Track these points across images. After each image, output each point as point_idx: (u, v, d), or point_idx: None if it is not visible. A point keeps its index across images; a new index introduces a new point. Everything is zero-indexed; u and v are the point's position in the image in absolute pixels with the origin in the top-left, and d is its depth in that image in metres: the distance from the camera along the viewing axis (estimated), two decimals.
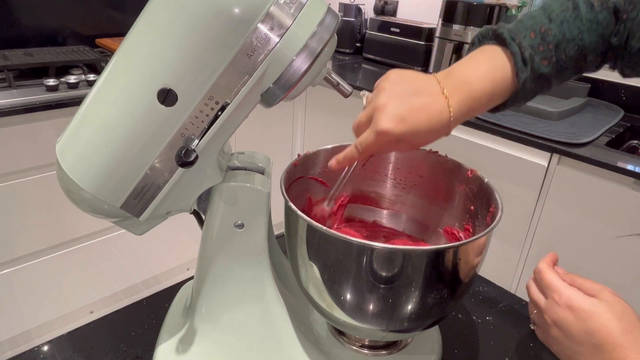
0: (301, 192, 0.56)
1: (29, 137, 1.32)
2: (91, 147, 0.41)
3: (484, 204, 0.50)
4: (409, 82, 0.44)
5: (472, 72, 0.46)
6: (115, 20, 1.88)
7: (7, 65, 1.40)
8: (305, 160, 0.55)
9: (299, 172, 0.55)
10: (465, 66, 0.47)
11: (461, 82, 0.45)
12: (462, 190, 0.55)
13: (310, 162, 0.56)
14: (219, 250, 0.50)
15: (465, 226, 0.55)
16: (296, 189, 0.54)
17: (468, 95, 0.45)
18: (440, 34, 1.73)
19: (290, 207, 0.45)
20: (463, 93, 0.44)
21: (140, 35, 0.40)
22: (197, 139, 0.41)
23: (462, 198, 0.55)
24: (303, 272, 0.48)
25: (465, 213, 0.55)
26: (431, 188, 0.58)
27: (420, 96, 0.44)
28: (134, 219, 0.45)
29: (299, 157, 0.54)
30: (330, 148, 0.56)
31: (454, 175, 0.55)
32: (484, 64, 0.46)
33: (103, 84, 0.42)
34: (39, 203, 1.40)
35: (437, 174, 0.57)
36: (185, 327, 0.53)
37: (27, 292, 1.47)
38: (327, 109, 1.89)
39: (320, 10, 0.40)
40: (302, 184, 0.56)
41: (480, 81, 0.45)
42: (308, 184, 0.57)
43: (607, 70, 0.50)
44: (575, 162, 1.23)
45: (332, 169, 0.48)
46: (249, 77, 0.39)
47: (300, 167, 0.55)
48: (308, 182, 0.57)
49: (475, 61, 0.47)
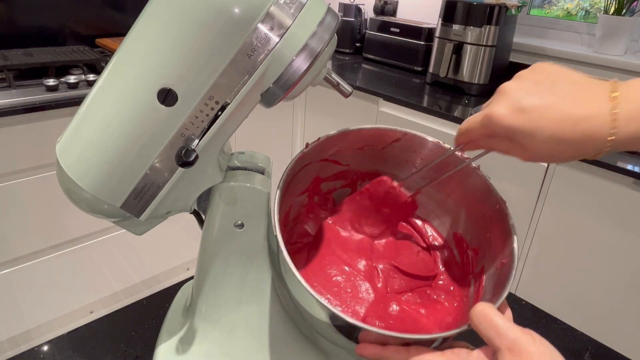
0: (307, 176, 0.54)
1: (29, 137, 1.32)
2: (91, 147, 0.41)
3: (499, 243, 0.47)
4: (558, 73, 0.35)
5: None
6: (115, 20, 1.88)
7: (7, 65, 1.40)
8: (314, 149, 0.51)
9: (307, 160, 0.52)
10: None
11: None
12: (485, 214, 0.51)
13: (320, 147, 0.52)
14: (219, 250, 0.50)
15: (475, 249, 0.52)
16: (302, 172, 0.52)
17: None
18: (440, 34, 1.73)
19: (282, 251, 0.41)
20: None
21: (140, 35, 0.40)
22: (197, 139, 0.41)
23: (481, 220, 0.52)
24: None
25: (480, 235, 0.52)
26: (454, 194, 0.56)
27: (564, 89, 0.34)
28: (134, 219, 0.45)
29: (306, 146, 0.50)
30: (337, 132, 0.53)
31: (483, 198, 0.51)
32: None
33: (103, 84, 0.42)
34: (39, 203, 1.40)
35: (464, 185, 0.53)
36: (185, 327, 0.53)
37: (27, 292, 1.47)
38: (327, 109, 1.89)
39: (320, 10, 0.40)
40: (311, 167, 0.54)
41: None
42: (317, 166, 0.55)
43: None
44: (575, 162, 1.23)
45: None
46: (249, 77, 0.39)
47: (309, 154, 0.51)
48: (317, 165, 0.55)
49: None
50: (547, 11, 1.92)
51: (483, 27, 1.62)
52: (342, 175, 0.58)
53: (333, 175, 0.58)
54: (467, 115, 1.45)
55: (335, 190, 0.59)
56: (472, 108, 1.52)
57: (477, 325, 0.34)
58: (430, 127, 1.52)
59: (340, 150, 0.55)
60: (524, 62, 1.80)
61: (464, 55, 1.68)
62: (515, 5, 1.63)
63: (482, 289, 0.48)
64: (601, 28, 1.59)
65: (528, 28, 1.89)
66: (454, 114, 1.48)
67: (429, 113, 1.53)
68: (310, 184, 0.56)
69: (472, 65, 1.68)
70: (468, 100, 1.65)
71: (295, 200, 0.55)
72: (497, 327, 0.33)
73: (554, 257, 1.34)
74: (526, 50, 1.78)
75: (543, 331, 0.66)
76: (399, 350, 0.37)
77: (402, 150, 0.56)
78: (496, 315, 0.34)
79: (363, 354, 0.39)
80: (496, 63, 1.69)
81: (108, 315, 0.61)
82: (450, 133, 1.47)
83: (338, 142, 0.53)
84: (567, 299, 1.33)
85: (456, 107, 1.57)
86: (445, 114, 1.48)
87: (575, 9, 1.86)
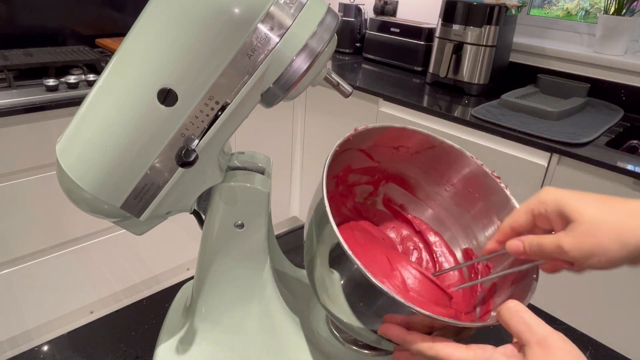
0: (341, 161, 0.54)
1: (29, 137, 1.32)
2: (91, 147, 0.41)
3: (516, 260, 0.47)
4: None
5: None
6: (115, 20, 1.88)
7: (7, 65, 1.40)
8: (359, 135, 0.51)
9: (349, 145, 0.51)
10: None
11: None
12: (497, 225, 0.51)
13: (363, 135, 0.52)
14: (219, 250, 0.50)
15: (489, 265, 0.52)
16: (342, 156, 0.52)
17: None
18: (440, 34, 1.73)
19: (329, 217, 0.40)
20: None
21: (140, 35, 0.40)
22: (197, 139, 0.41)
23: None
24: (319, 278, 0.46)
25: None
26: (473, 210, 0.56)
27: None
28: (134, 219, 0.45)
29: (355, 131, 0.50)
30: (389, 126, 0.52)
31: (499, 207, 0.51)
32: None
33: (103, 84, 0.42)
34: (39, 203, 1.40)
35: (484, 195, 0.53)
36: (185, 327, 0.53)
37: (27, 292, 1.47)
38: (327, 109, 1.89)
39: (320, 10, 0.40)
40: (345, 155, 0.53)
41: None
42: (353, 154, 0.55)
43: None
44: (575, 162, 1.23)
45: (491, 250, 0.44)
46: (249, 77, 0.39)
47: (354, 140, 0.51)
48: (354, 153, 0.55)
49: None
50: (547, 11, 1.92)
51: (483, 27, 1.62)
52: (369, 171, 0.59)
53: (362, 169, 0.58)
54: (467, 115, 1.46)
55: (359, 185, 0.59)
56: (472, 108, 1.52)
57: (508, 319, 0.35)
58: (430, 127, 1.52)
59: (376, 145, 0.55)
60: (524, 62, 1.80)
61: (464, 55, 1.68)
62: (515, 5, 1.63)
63: (492, 303, 0.48)
64: (601, 28, 1.59)
65: (528, 28, 1.89)
66: (454, 114, 1.48)
67: (429, 113, 1.53)
68: (342, 170, 0.56)
69: (472, 65, 1.68)
70: (468, 100, 1.65)
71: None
72: (528, 322, 0.34)
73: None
74: (526, 50, 1.78)
75: None
76: (424, 338, 0.37)
77: (435, 160, 0.56)
78: (527, 312, 0.35)
79: (387, 334, 0.39)
80: (496, 63, 1.69)
81: (108, 315, 0.61)
82: (450, 133, 1.47)
83: (380, 136, 0.53)
84: (567, 299, 1.33)
85: (456, 107, 1.57)
86: (445, 114, 1.48)
87: (575, 9, 1.86)
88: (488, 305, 0.49)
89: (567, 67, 1.70)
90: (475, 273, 0.54)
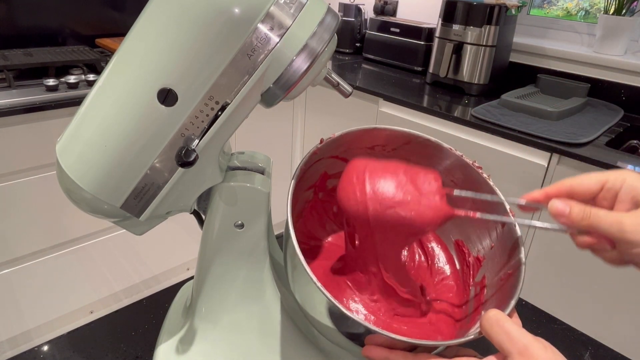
0: (315, 172, 0.54)
1: (29, 137, 1.32)
2: (91, 147, 0.41)
3: (505, 254, 0.48)
4: None
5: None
6: (115, 20, 1.88)
7: (7, 65, 1.40)
8: (327, 145, 0.51)
9: (319, 156, 0.51)
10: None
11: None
12: (491, 225, 0.51)
13: (332, 144, 0.52)
14: (219, 250, 0.50)
15: (477, 257, 0.52)
16: (313, 168, 0.52)
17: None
18: (440, 34, 1.73)
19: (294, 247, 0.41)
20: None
21: (140, 35, 0.40)
22: (197, 139, 0.41)
23: (485, 231, 0.52)
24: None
25: (485, 244, 0.52)
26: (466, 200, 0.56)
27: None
28: (134, 219, 0.45)
29: (321, 142, 0.50)
30: (356, 130, 0.52)
31: (491, 209, 0.51)
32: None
33: (103, 84, 0.42)
34: (39, 203, 1.40)
35: (467, 186, 0.52)
36: (185, 327, 0.53)
37: (27, 292, 1.47)
38: (327, 109, 1.89)
39: (320, 10, 0.40)
40: (321, 164, 0.53)
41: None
42: (326, 162, 0.54)
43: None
44: (575, 162, 1.23)
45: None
46: (249, 77, 0.39)
47: (325, 150, 0.51)
48: (327, 161, 0.54)
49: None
50: (547, 11, 1.92)
51: (483, 27, 1.62)
52: None
53: (340, 173, 0.57)
54: (467, 115, 1.46)
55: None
56: (471, 108, 1.52)
57: (489, 330, 0.35)
58: (430, 127, 1.52)
59: (350, 149, 0.55)
60: (524, 62, 1.80)
61: (464, 55, 1.68)
62: (515, 5, 1.63)
63: (483, 297, 0.48)
64: (601, 28, 1.59)
65: (528, 28, 1.89)
66: (454, 114, 1.48)
67: (429, 113, 1.53)
68: (319, 179, 0.56)
69: (472, 65, 1.68)
70: (468, 100, 1.65)
71: (301, 195, 0.55)
72: (509, 332, 0.34)
73: (554, 257, 1.34)
74: (526, 50, 1.78)
75: (543, 331, 0.66)
76: (406, 356, 0.37)
77: (413, 155, 0.55)
78: (507, 321, 0.35)
79: (370, 356, 0.39)
80: (496, 63, 1.69)
81: (108, 315, 0.61)
82: (450, 133, 1.47)
83: (349, 140, 0.53)
84: (567, 299, 1.33)
85: (456, 107, 1.57)
86: (445, 114, 1.48)
87: (575, 9, 1.86)
88: (480, 297, 0.49)
89: (567, 67, 1.70)
90: (467, 266, 0.53)
